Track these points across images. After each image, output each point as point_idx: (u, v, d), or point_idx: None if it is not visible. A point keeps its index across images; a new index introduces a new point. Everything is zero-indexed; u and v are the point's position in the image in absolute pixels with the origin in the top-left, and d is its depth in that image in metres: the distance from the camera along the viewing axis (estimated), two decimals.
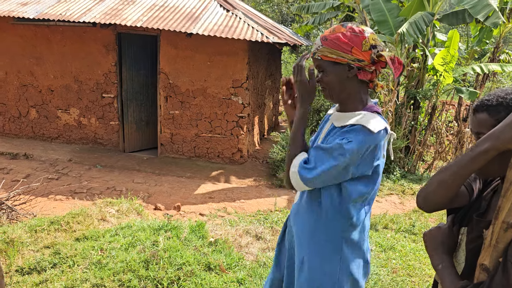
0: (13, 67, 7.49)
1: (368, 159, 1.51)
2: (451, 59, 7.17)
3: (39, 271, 3.14)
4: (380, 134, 1.50)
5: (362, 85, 1.60)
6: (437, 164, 8.12)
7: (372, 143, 1.49)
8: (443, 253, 1.33)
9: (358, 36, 1.52)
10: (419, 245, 4.48)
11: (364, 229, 1.69)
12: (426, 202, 1.32)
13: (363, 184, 1.56)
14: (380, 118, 1.54)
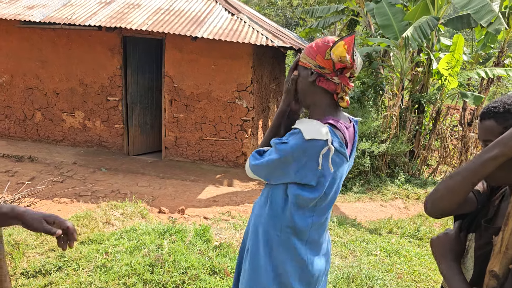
0: (19, 70, 7.54)
1: (308, 167, 1.52)
2: (456, 63, 7.16)
3: (44, 274, 3.15)
4: (313, 143, 1.49)
5: (326, 95, 1.62)
6: (442, 169, 8.09)
7: (304, 149, 1.50)
8: (451, 260, 1.32)
9: (325, 44, 1.58)
10: (424, 250, 4.46)
11: (309, 240, 1.66)
12: (434, 208, 1.31)
13: (308, 191, 1.57)
14: (326, 130, 1.51)
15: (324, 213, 1.68)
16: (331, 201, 1.66)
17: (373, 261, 3.95)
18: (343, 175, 1.66)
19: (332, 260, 3.82)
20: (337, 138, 1.54)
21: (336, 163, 1.55)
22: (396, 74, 7.99)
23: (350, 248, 4.28)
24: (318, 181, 1.54)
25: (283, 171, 1.56)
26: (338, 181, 1.63)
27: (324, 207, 1.65)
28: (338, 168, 1.58)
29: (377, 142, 6.98)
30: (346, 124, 1.64)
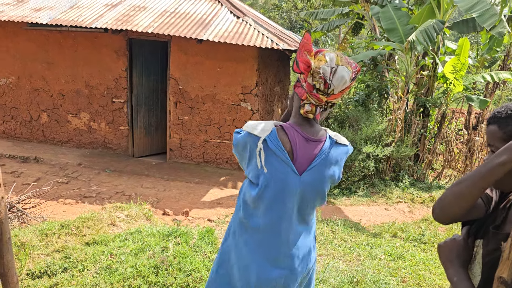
0: (25, 72, 7.59)
1: (252, 163, 1.55)
2: (461, 67, 7.14)
3: (50, 275, 3.16)
4: (251, 137, 1.54)
5: (296, 100, 1.62)
6: (447, 173, 8.06)
7: (245, 142, 1.55)
8: (458, 266, 1.32)
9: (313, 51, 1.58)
10: (429, 254, 4.45)
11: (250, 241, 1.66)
12: (443, 214, 1.31)
13: (252, 188, 1.58)
14: (266, 128, 1.53)
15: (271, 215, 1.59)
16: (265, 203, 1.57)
17: (377, 265, 3.94)
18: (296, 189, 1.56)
19: (337, 264, 3.81)
20: (277, 141, 1.51)
21: (274, 166, 1.52)
22: (401, 78, 7.98)
23: (355, 252, 4.27)
24: (259, 180, 1.54)
25: (240, 160, 1.63)
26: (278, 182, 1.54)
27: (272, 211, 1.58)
28: (279, 174, 1.52)
29: (382, 145, 6.97)
30: (308, 137, 1.56)
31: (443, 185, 7.51)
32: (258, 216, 1.60)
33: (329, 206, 6.11)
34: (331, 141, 1.62)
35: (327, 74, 1.52)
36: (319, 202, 1.68)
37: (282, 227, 1.62)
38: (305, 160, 1.57)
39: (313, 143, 1.58)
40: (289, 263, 1.67)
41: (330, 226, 4.96)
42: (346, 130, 7.04)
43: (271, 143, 1.51)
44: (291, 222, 1.63)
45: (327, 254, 4.14)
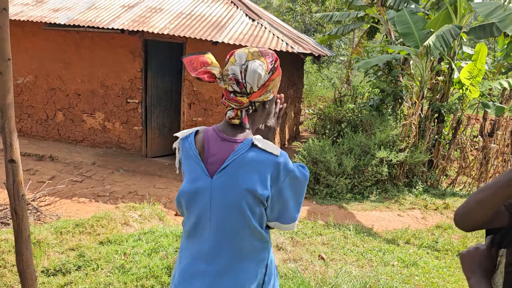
0: (42, 71, 7.70)
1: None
2: (478, 73, 7.05)
3: (64, 273, 3.20)
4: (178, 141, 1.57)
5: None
6: (461, 180, 7.96)
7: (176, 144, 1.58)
8: (481, 276, 1.30)
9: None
10: (443, 262, 4.39)
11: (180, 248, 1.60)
12: (465, 221, 1.30)
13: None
14: (187, 132, 1.55)
15: (188, 222, 1.50)
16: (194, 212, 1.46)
17: (390, 272, 3.90)
18: (209, 194, 1.44)
19: (349, 269, 3.79)
20: (190, 141, 1.52)
21: (188, 167, 1.51)
22: (416, 83, 7.91)
23: (367, 258, 4.24)
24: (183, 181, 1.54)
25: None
26: (199, 194, 1.45)
27: (187, 216, 1.51)
28: (192, 174, 1.48)
29: (396, 150, 6.91)
30: (225, 137, 1.47)
31: (457, 192, 7.41)
32: (185, 219, 1.55)
33: (341, 210, 6.08)
34: (249, 143, 1.43)
35: (237, 74, 1.44)
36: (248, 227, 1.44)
37: (197, 237, 1.48)
38: (217, 161, 1.45)
39: (229, 143, 1.45)
40: (196, 284, 1.46)
41: (342, 231, 4.93)
42: (360, 134, 7.00)
43: (187, 142, 1.52)
44: (204, 235, 1.46)
45: (340, 259, 4.12)
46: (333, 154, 6.60)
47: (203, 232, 1.47)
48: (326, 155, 6.51)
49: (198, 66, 1.49)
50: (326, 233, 4.78)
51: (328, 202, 6.33)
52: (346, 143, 6.87)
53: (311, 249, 4.24)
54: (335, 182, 6.53)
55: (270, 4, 23.36)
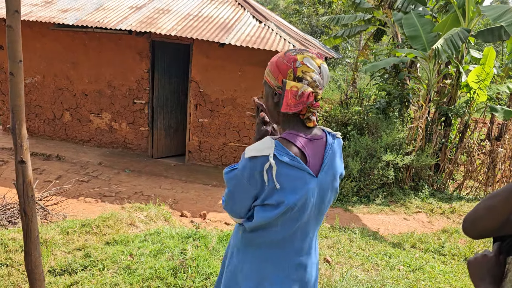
0: (50, 71, 7.75)
1: (262, 186, 1.46)
2: (486, 76, 7.01)
3: (70, 273, 3.21)
4: (255, 161, 1.42)
5: (291, 116, 1.53)
6: (468, 184, 7.91)
7: (250, 169, 1.44)
8: (489, 283, 1.29)
9: (287, 65, 1.48)
10: (449, 267, 4.36)
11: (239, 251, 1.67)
12: (473, 228, 1.29)
13: (269, 210, 1.49)
14: (269, 145, 1.43)
15: (291, 230, 1.54)
16: (298, 217, 1.53)
17: (396, 276, 3.88)
18: (308, 188, 1.49)
19: (355, 273, 3.77)
20: (286, 152, 1.44)
21: (288, 176, 1.44)
22: (423, 86, 7.88)
23: (373, 261, 4.22)
24: (276, 199, 1.45)
25: (245, 196, 1.50)
26: (299, 194, 1.47)
27: (289, 223, 1.53)
28: (294, 182, 1.45)
29: (402, 154, 6.88)
30: (310, 137, 1.52)
31: (464, 196, 7.36)
32: (274, 231, 1.53)
33: (347, 213, 6.06)
34: (331, 135, 1.60)
35: (321, 82, 1.50)
36: (333, 200, 1.65)
37: (297, 237, 1.57)
38: (316, 160, 1.53)
39: (317, 141, 1.54)
40: (301, 274, 1.61)
41: (347, 234, 4.92)
42: (366, 137, 6.97)
43: (280, 155, 1.43)
44: (307, 229, 1.58)
45: (345, 263, 4.10)
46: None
47: (299, 233, 1.56)
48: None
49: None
50: (332, 236, 4.77)
51: (334, 205, 6.31)
52: (352, 145, 6.85)
53: None
54: (340, 185, 6.51)
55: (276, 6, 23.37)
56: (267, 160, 1.41)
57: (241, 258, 1.60)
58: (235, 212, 1.56)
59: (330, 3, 17.06)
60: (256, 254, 1.57)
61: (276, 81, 1.50)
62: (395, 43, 9.22)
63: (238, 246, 1.62)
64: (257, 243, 1.57)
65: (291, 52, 1.51)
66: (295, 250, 1.58)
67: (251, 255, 1.58)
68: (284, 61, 1.49)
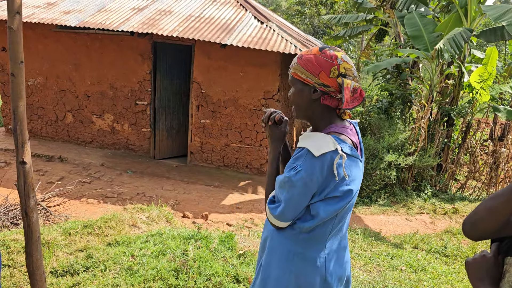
0: (53, 73, 7.78)
1: (328, 181, 1.49)
2: (488, 76, 6.99)
3: (72, 274, 3.22)
4: (325, 157, 1.45)
5: (327, 109, 1.59)
6: (470, 184, 7.89)
7: (320, 167, 1.46)
8: (489, 284, 1.28)
9: (329, 62, 1.52)
10: (451, 267, 4.35)
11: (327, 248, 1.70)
12: (474, 229, 1.28)
13: (332, 204, 1.53)
14: (332, 140, 1.48)
15: (344, 217, 1.63)
16: (352, 204, 1.64)
17: (398, 277, 3.87)
18: (360, 175, 1.63)
19: (357, 274, 3.76)
20: (346, 143, 1.52)
21: (351, 166, 1.53)
22: (425, 86, 7.86)
23: (375, 262, 4.21)
24: (342, 190, 1.50)
25: (308, 197, 1.51)
26: (358, 181, 1.60)
27: (346, 211, 1.62)
28: (354, 170, 1.56)
29: (404, 154, 6.87)
30: (349, 127, 1.62)
31: (467, 196, 7.34)
32: (331, 223, 1.58)
33: None
34: (353, 122, 1.71)
35: (355, 73, 1.58)
36: None
37: (345, 222, 1.66)
38: (359, 146, 1.64)
39: (352, 131, 1.63)
40: (347, 254, 1.72)
41: (350, 234, 4.91)
42: (368, 138, 6.96)
43: (344, 147, 1.50)
44: (349, 213, 1.68)
45: None
46: None
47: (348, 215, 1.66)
48: None
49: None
50: None
51: None
52: None
53: None
54: None
55: (279, 7, 23.38)
56: (336, 153, 1.45)
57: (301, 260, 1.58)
58: (288, 217, 1.54)
59: (332, 3, 17.06)
60: (316, 251, 1.59)
61: (316, 78, 1.53)
62: (397, 43, 9.21)
63: (295, 250, 1.58)
64: (316, 241, 1.58)
65: (326, 49, 1.55)
66: (343, 235, 1.68)
67: (311, 254, 1.58)
68: (325, 58, 1.52)
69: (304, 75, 1.54)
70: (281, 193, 1.53)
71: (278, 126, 1.73)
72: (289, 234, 1.59)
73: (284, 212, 1.53)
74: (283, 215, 1.53)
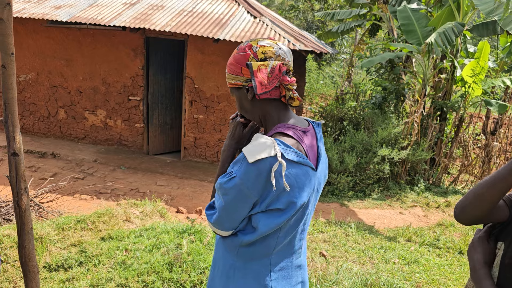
0: (45, 68, 7.71)
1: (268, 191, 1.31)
2: (480, 70, 7.03)
3: (66, 268, 3.21)
4: (260, 164, 1.27)
5: (273, 103, 1.43)
6: (463, 178, 7.95)
7: (255, 174, 1.28)
8: (481, 253, 1.32)
9: (244, 54, 1.39)
10: (444, 259, 4.39)
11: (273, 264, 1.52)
12: (463, 214, 1.32)
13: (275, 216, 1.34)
14: (273, 144, 1.30)
15: (291, 233, 1.42)
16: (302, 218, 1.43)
17: (391, 269, 3.90)
18: (312, 185, 1.41)
19: (350, 266, 3.79)
20: (291, 149, 1.33)
21: (298, 175, 1.33)
22: (418, 80, 7.89)
23: (368, 255, 4.24)
24: (284, 202, 1.32)
25: (245, 206, 1.33)
26: (306, 192, 1.37)
27: (293, 226, 1.41)
28: (302, 180, 1.35)
29: (397, 148, 6.90)
30: (303, 128, 1.43)
31: (459, 190, 7.40)
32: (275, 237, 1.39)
33: (343, 208, 6.07)
34: (315, 124, 1.53)
35: (286, 54, 1.42)
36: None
37: (297, 237, 1.46)
38: (313, 152, 1.44)
39: (309, 133, 1.46)
40: (302, 273, 1.52)
41: (343, 228, 4.93)
42: (361, 132, 6.99)
43: (286, 153, 1.31)
44: (305, 227, 1.48)
45: (340, 256, 4.12)
46: (335, 152, 6.60)
47: (302, 230, 1.48)
48: (327, 152, 6.51)
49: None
50: (328, 231, 4.78)
51: (330, 200, 6.33)
52: (348, 140, 6.87)
53: (312, 246, 4.25)
54: (336, 179, 6.53)
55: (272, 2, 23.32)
56: (275, 160, 1.27)
57: (242, 276, 1.42)
58: (225, 226, 1.38)
59: None
60: (259, 267, 1.41)
61: (241, 76, 1.40)
62: (391, 38, 9.23)
63: (235, 265, 1.43)
64: (259, 255, 1.40)
65: (242, 44, 1.44)
66: (295, 252, 1.47)
67: (254, 270, 1.41)
68: (240, 53, 1.40)
69: (234, 80, 1.42)
70: (217, 200, 1.39)
71: (244, 128, 1.58)
72: (230, 246, 1.43)
73: (219, 221, 1.37)
74: (220, 224, 1.38)
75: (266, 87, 1.37)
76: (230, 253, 1.43)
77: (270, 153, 1.28)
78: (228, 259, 1.44)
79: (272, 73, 1.37)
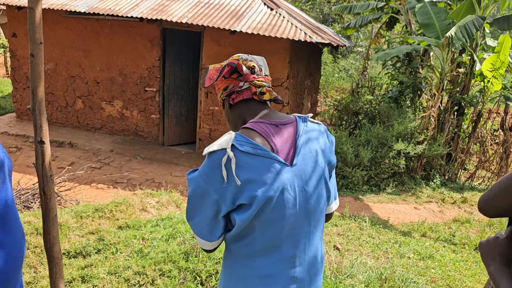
0: (63, 59, 7.81)
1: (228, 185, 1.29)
2: (501, 65, 6.90)
3: (84, 255, 3.28)
4: (213, 156, 1.28)
5: (248, 104, 1.44)
6: (480, 174, 7.84)
7: (210, 167, 1.28)
8: (501, 264, 1.30)
9: (216, 72, 1.44)
10: (459, 256, 4.35)
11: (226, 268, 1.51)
12: (486, 207, 1.33)
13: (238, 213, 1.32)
14: (226, 138, 1.29)
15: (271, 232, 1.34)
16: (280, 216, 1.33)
17: (406, 264, 3.89)
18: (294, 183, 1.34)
19: (364, 260, 3.79)
20: (249, 141, 1.29)
21: (256, 168, 1.28)
22: (436, 74, 7.78)
23: (383, 249, 4.23)
24: (246, 197, 1.27)
25: (207, 203, 1.31)
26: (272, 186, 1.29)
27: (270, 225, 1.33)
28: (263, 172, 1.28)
29: (413, 143, 6.83)
30: (276, 122, 1.38)
31: (476, 186, 7.31)
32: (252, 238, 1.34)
33: (357, 202, 6.06)
34: (302, 119, 1.45)
35: (253, 58, 1.48)
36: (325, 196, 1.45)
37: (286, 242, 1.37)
38: (288, 147, 1.36)
39: (286, 127, 1.39)
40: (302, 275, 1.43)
41: (357, 222, 4.93)
42: (377, 126, 6.94)
43: (241, 145, 1.28)
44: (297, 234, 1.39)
45: (355, 250, 4.12)
46: (350, 146, 6.56)
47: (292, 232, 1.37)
48: (342, 146, 6.48)
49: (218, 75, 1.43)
50: (342, 224, 4.78)
51: (344, 194, 6.31)
52: (363, 134, 6.82)
53: (326, 239, 4.25)
54: (351, 173, 6.50)
55: None
56: (224, 153, 1.26)
57: (228, 274, 1.43)
58: (197, 228, 1.37)
59: None
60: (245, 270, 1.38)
61: (220, 90, 1.47)
62: (408, 31, 9.10)
63: (226, 262, 1.44)
64: (242, 255, 1.37)
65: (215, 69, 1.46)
66: (285, 259, 1.37)
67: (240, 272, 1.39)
68: (215, 76, 1.43)
69: (218, 96, 1.51)
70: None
71: None
72: (225, 241, 1.42)
73: (187, 214, 1.39)
74: (188, 221, 1.40)
75: (213, 79, 1.42)
76: (226, 249, 1.44)
77: (221, 146, 1.27)
78: (225, 255, 1.46)
79: (224, 68, 1.41)
